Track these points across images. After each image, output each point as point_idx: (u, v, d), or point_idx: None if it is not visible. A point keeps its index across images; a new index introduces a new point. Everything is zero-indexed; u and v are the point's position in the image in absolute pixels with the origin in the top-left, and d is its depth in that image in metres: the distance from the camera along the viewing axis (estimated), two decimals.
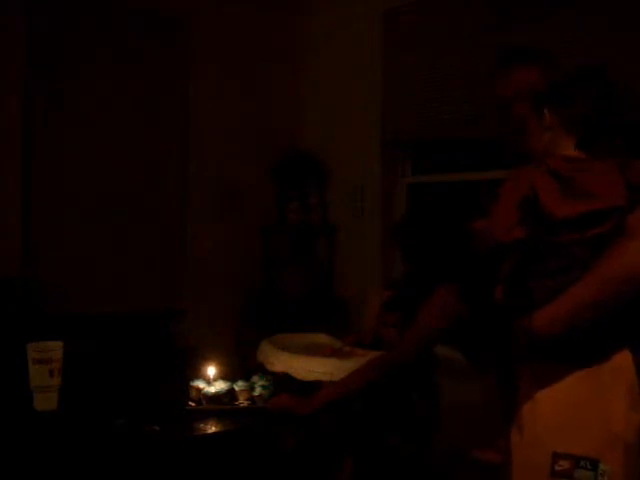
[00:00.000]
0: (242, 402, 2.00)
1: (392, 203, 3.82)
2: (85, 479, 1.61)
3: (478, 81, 3.19)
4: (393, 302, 2.35)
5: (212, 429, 1.84)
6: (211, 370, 2.08)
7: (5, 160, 3.23)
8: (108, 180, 3.53)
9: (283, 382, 2.11)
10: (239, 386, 2.02)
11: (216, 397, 1.97)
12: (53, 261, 3.35)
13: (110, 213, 3.53)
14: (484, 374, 1.92)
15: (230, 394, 2.00)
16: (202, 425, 1.85)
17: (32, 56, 3.29)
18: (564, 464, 1.48)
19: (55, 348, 1.85)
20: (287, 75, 4.13)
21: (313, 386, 2.07)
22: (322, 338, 2.54)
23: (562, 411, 1.52)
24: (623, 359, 1.53)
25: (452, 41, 3.38)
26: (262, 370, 2.19)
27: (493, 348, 1.72)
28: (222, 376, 2.07)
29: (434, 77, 3.48)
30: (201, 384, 2.01)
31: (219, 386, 2.00)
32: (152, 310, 3.61)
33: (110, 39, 3.53)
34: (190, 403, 1.97)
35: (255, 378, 2.08)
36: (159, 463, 1.72)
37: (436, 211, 2.48)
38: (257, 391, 2.02)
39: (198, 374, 2.08)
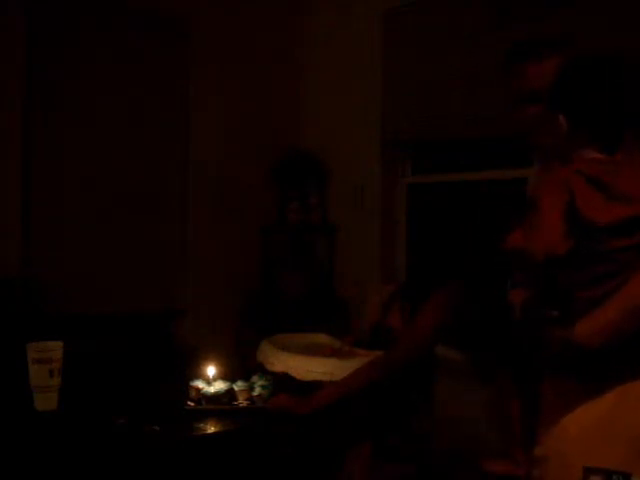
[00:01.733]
0: (241, 402, 2.00)
1: (392, 203, 3.82)
2: (85, 479, 1.61)
3: (478, 81, 3.19)
4: (403, 292, 2.35)
5: (212, 429, 1.84)
6: (211, 370, 2.08)
7: (5, 160, 3.23)
8: (108, 180, 3.53)
9: (283, 382, 2.11)
10: (238, 386, 2.02)
11: (215, 397, 1.97)
12: (53, 261, 3.34)
13: (110, 213, 3.53)
14: (489, 378, 1.92)
15: (229, 394, 2.00)
16: (202, 425, 1.85)
17: (32, 56, 3.29)
18: (596, 479, 1.45)
19: (55, 348, 1.85)
20: (287, 75, 4.13)
21: (313, 386, 2.08)
22: (322, 338, 2.54)
23: (591, 425, 1.48)
24: None
25: (452, 41, 3.38)
26: (262, 370, 2.19)
27: (506, 352, 1.70)
28: (222, 376, 2.07)
29: (434, 77, 3.48)
30: (200, 384, 2.01)
31: (218, 386, 2.00)
32: (152, 310, 3.61)
33: (110, 39, 3.52)
34: (189, 403, 1.97)
35: (255, 378, 2.08)
36: (159, 463, 1.72)
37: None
38: (257, 391, 2.02)
39: (198, 374, 2.08)
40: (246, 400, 2.00)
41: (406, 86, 3.62)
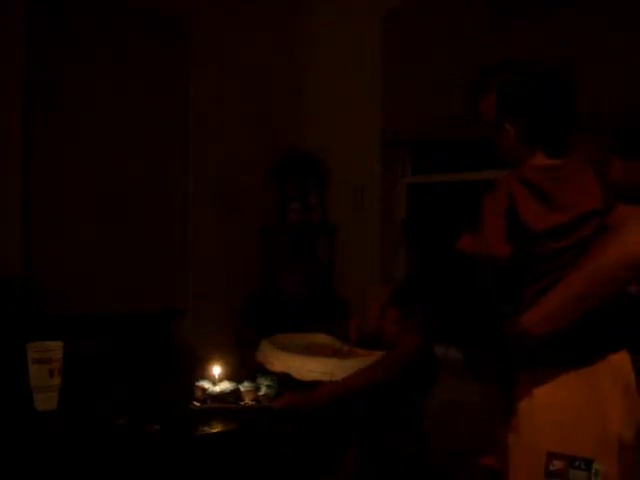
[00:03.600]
0: (248, 403, 1.99)
1: (392, 203, 3.82)
2: (85, 479, 1.61)
3: None
4: (394, 298, 2.36)
5: (213, 429, 1.84)
6: (216, 370, 2.07)
7: (5, 160, 3.23)
8: (108, 180, 3.53)
9: (286, 382, 2.11)
10: (245, 387, 2.01)
11: (221, 397, 1.96)
12: (53, 261, 3.34)
13: (110, 213, 3.53)
14: (482, 377, 1.93)
15: (235, 394, 1.99)
16: (203, 425, 1.85)
17: (32, 56, 3.29)
18: (558, 464, 1.48)
19: (55, 348, 1.85)
20: (287, 75, 4.13)
21: (313, 386, 2.08)
22: (322, 338, 2.54)
23: (557, 411, 1.52)
24: (620, 359, 1.53)
25: (452, 41, 3.37)
26: (263, 370, 2.19)
27: (491, 352, 1.73)
28: (227, 376, 2.07)
29: (434, 77, 3.48)
30: (206, 384, 2.01)
31: (224, 386, 1.99)
32: (152, 310, 3.61)
33: (110, 39, 3.52)
34: (195, 403, 1.97)
35: (261, 379, 2.08)
36: (159, 463, 1.72)
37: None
38: (262, 390, 2.01)
39: (203, 374, 2.08)
40: (252, 401, 1.99)
41: (406, 86, 3.62)
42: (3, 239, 3.17)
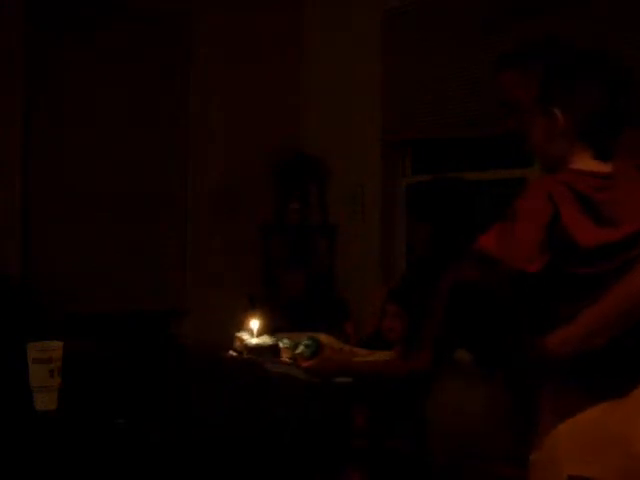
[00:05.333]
0: (284, 359, 1.96)
1: (392, 203, 3.81)
2: (85, 479, 1.61)
3: (478, 81, 3.19)
4: (396, 293, 2.36)
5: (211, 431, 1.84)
6: (254, 323, 2.04)
7: (5, 160, 3.23)
8: (108, 180, 3.53)
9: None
10: (284, 343, 1.98)
11: (258, 350, 1.93)
12: (53, 261, 3.35)
13: (110, 213, 3.53)
14: (491, 378, 1.91)
15: (273, 349, 1.96)
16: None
17: (32, 56, 3.29)
18: None
19: (55, 348, 1.84)
20: (287, 75, 4.13)
21: None
22: (322, 338, 2.54)
23: (581, 433, 1.45)
24: None
25: (452, 41, 3.37)
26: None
27: (506, 356, 1.69)
28: (267, 331, 2.04)
29: (434, 77, 3.47)
30: (245, 336, 1.98)
31: (262, 340, 1.96)
32: (152, 310, 3.61)
33: (110, 38, 3.53)
34: (232, 352, 1.95)
35: (302, 338, 2.05)
36: (159, 463, 1.72)
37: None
38: (299, 349, 1.98)
39: (243, 326, 2.04)
40: (289, 358, 1.96)
41: (406, 86, 3.61)
42: (3, 239, 3.17)
